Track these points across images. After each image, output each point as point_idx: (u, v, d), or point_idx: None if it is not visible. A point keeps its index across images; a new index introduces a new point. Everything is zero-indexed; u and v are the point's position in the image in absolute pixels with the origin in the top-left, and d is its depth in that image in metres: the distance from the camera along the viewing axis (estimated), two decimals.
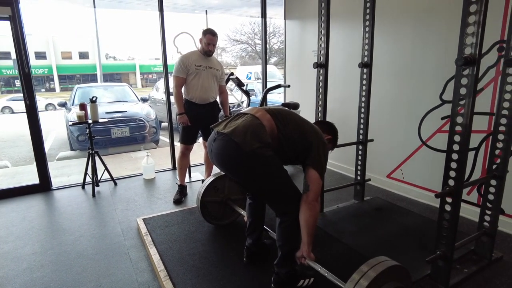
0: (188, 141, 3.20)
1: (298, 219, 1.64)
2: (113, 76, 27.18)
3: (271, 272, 1.87)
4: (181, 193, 3.30)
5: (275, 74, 11.69)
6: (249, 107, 1.85)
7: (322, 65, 2.46)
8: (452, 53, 2.72)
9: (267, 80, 4.77)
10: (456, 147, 1.65)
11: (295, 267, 1.78)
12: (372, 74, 2.76)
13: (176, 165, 3.42)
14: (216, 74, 3.15)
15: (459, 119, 1.61)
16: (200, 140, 3.66)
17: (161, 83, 8.20)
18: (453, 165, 1.67)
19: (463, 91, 1.57)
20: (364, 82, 2.77)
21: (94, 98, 3.46)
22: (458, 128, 1.63)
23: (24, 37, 3.21)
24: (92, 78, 26.03)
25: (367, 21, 2.66)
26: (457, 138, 1.64)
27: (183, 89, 3.09)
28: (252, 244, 2.03)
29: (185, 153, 3.26)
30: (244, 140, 1.56)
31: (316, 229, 1.70)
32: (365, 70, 2.76)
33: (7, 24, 3.13)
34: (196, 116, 3.10)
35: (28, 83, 3.29)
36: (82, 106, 3.44)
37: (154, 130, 6.09)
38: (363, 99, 2.80)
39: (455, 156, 1.66)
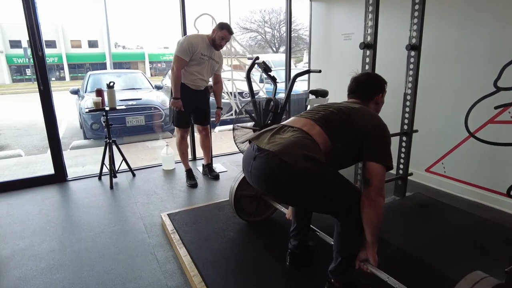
0: (184, 125, 3.22)
1: (361, 220, 1.40)
2: (122, 65, 27.05)
3: (318, 278, 1.66)
4: (192, 177, 3.30)
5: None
6: (292, 118, 1.60)
7: (369, 46, 2.19)
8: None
9: (277, 68, 4.50)
10: None
11: (352, 276, 1.55)
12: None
13: (177, 151, 3.37)
14: (214, 66, 3.16)
15: None
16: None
17: None
18: None
19: None
20: (412, 66, 2.50)
21: (111, 84, 3.23)
22: None
23: (38, 18, 2.97)
24: (102, 67, 25.94)
25: None
26: None
27: None
28: (296, 247, 1.80)
29: (184, 137, 3.28)
30: (295, 159, 1.32)
31: None
32: (412, 53, 2.48)
33: (19, 7, 2.90)
34: (190, 100, 3.09)
35: (42, 68, 3.07)
36: (99, 92, 3.22)
37: None
38: (410, 85, 2.52)
39: None
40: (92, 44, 28.04)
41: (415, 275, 1.78)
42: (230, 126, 5.90)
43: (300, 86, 6.42)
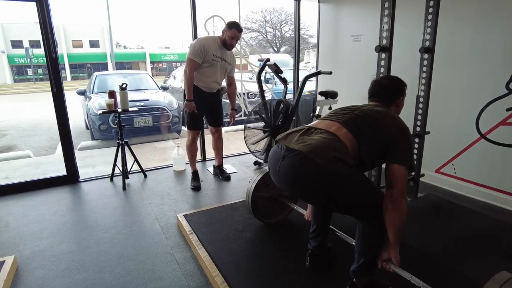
0: (196, 127, 3.22)
1: (384, 222, 1.43)
2: (123, 65, 27.05)
3: (339, 278, 1.68)
4: (197, 179, 3.33)
5: (288, 62, 11.40)
6: (318, 121, 1.63)
7: (385, 49, 2.22)
8: None
9: (281, 68, 4.49)
10: None
11: (374, 276, 1.58)
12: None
13: (187, 152, 3.40)
14: (227, 68, 3.17)
15: None
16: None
17: (179, 71, 7.97)
18: None
19: None
20: (425, 69, 2.52)
21: (124, 85, 3.26)
22: None
23: (51, 20, 3.00)
24: (103, 67, 25.95)
25: (431, 1, 2.39)
26: None
27: None
28: (316, 248, 1.83)
29: (195, 139, 3.30)
30: (327, 160, 1.33)
31: None
32: (426, 56, 2.50)
33: (30, 7, 2.92)
34: (202, 102, 3.10)
35: (55, 70, 3.10)
36: (112, 94, 3.25)
37: (177, 119, 5.88)
38: (423, 87, 2.55)
39: None
40: (93, 44, 28.07)
41: (436, 275, 1.80)
42: (237, 127, 5.94)
43: (306, 87, 6.42)
